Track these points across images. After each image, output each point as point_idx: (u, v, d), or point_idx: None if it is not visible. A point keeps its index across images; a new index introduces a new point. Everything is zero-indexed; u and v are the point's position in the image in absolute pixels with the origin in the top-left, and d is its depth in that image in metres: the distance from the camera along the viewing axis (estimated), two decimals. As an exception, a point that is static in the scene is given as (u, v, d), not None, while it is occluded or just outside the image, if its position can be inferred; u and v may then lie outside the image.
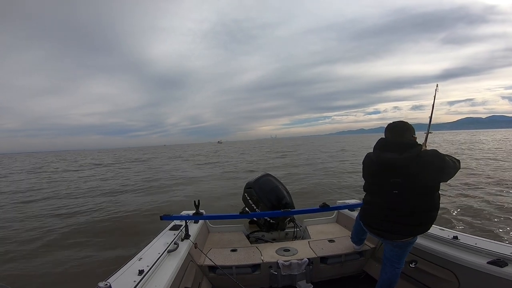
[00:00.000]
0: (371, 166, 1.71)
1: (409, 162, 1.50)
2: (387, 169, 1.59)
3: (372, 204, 1.76)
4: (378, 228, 1.72)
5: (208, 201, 6.92)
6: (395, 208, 1.59)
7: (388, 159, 1.56)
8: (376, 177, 1.68)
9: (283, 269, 2.11)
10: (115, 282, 1.33)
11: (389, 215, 1.63)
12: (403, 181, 1.53)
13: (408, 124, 1.64)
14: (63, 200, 8.89)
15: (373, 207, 1.75)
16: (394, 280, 1.77)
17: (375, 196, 1.73)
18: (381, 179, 1.63)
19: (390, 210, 1.61)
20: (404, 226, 1.59)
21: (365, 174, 1.80)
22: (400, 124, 1.65)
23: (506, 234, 4.28)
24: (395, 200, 1.57)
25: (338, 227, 3.01)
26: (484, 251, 1.66)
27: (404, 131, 1.62)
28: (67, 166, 27.30)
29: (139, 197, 8.81)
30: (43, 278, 3.60)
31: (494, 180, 8.42)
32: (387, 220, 1.64)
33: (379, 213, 1.69)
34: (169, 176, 13.90)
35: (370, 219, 1.79)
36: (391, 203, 1.60)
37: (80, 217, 6.53)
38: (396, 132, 1.63)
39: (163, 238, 2.05)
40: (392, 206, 1.60)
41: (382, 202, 1.66)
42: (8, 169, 27.30)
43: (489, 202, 5.98)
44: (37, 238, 5.11)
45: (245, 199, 2.99)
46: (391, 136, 1.64)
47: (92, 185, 11.97)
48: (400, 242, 1.66)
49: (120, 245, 4.58)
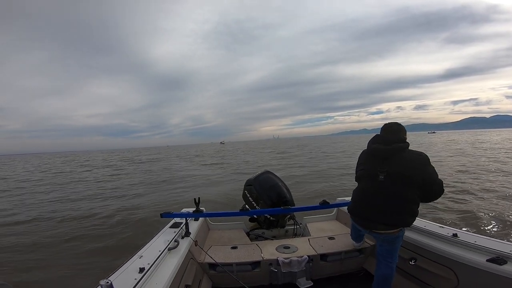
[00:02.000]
0: (363, 156, 1.94)
1: (394, 152, 1.70)
2: (375, 157, 1.79)
3: (359, 191, 1.91)
4: (362, 217, 1.84)
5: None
6: (379, 193, 1.71)
7: (376, 148, 1.79)
8: (365, 164, 1.87)
9: (283, 266, 2.12)
10: (116, 280, 1.33)
11: (373, 201, 1.75)
12: (388, 169, 1.69)
13: (401, 126, 1.83)
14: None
15: (359, 194, 1.89)
16: (389, 275, 1.81)
17: (362, 182, 1.88)
18: (369, 166, 1.81)
19: (375, 195, 1.74)
20: (386, 214, 1.70)
21: (358, 165, 1.96)
22: (394, 125, 1.84)
23: (505, 231, 4.25)
24: (380, 185, 1.71)
25: (338, 224, 3.01)
26: (483, 248, 1.65)
27: (397, 131, 1.80)
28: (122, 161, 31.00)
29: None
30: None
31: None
32: (370, 206, 1.77)
33: (364, 199, 1.82)
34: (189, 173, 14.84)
35: (355, 208, 1.92)
36: (376, 187, 1.73)
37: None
38: (389, 132, 1.82)
39: (163, 236, 2.06)
40: (377, 190, 1.73)
41: (368, 187, 1.81)
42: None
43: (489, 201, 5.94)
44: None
45: (245, 197, 3.01)
46: (384, 134, 1.84)
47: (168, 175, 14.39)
48: (386, 234, 1.74)
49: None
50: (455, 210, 5.44)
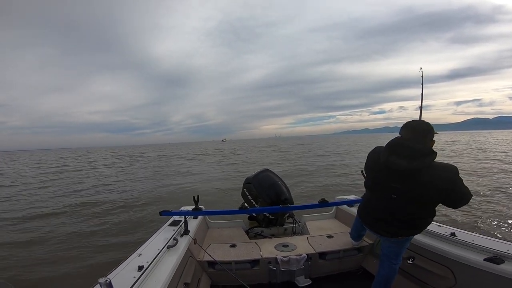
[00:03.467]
0: (376, 164, 1.60)
1: (415, 173, 1.40)
2: (390, 173, 1.49)
3: (370, 202, 1.74)
4: (374, 226, 1.72)
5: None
6: (391, 211, 1.56)
7: (394, 164, 1.43)
8: (378, 177, 1.60)
9: (282, 264, 2.12)
10: (115, 278, 1.33)
11: (384, 217, 1.61)
12: (403, 189, 1.46)
13: (431, 126, 1.46)
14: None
15: (370, 205, 1.74)
16: (391, 276, 1.77)
17: (374, 194, 1.70)
18: (382, 180, 1.56)
19: (386, 212, 1.59)
20: (399, 229, 1.58)
21: (368, 169, 1.71)
22: (423, 126, 1.47)
23: (503, 231, 4.24)
24: (392, 205, 1.53)
25: (336, 223, 3.02)
26: (481, 248, 1.65)
27: (426, 134, 1.44)
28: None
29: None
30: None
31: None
32: (382, 220, 1.63)
33: (375, 212, 1.67)
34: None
35: (366, 216, 1.79)
36: (387, 206, 1.56)
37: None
38: (415, 133, 1.45)
39: (162, 234, 2.06)
40: (388, 209, 1.56)
41: (379, 202, 1.62)
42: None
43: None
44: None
45: (244, 195, 3.01)
46: (407, 137, 1.46)
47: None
48: (397, 238, 1.65)
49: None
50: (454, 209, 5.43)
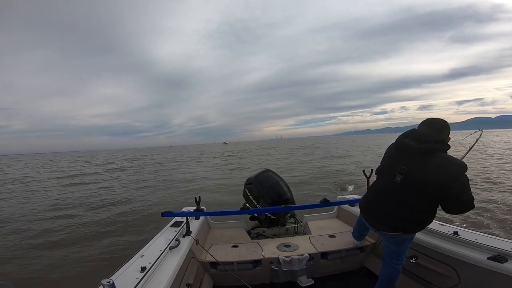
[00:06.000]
0: (389, 152, 1.71)
1: (423, 153, 1.44)
2: (400, 152, 1.57)
3: (373, 189, 1.78)
4: (369, 215, 1.75)
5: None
6: (392, 196, 1.58)
7: (403, 143, 1.55)
8: (388, 159, 1.67)
9: (284, 264, 2.12)
10: (118, 279, 1.34)
11: (383, 203, 1.63)
12: (409, 171, 1.49)
13: (447, 124, 1.53)
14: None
15: (372, 192, 1.77)
16: (394, 276, 1.77)
17: (379, 178, 1.73)
18: (392, 161, 1.62)
19: (387, 198, 1.61)
20: (392, 218, 1.59)
21: (383, 157, 1.76)
22: (439, 121, 1.54)
23: (506, 229, 4.19)
24: (394, 188, 1.55)
25: (338, 222, 3.01)
26: (484, 246, 1.64)
27: (442, 129, 1.51)
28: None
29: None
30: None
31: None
32: (380, 207, 1.66)
33: (376, 198, 1.71)
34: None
35: (365, 204, 1.82)
36: (389, 190, 1.59)
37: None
38: (431, 127, 1.52)
39: (164, 235, 2.08)
40: (390, 193, 1.59)
41: (381, 187, 1.67)
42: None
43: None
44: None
45: (245, 195, 3.01)
46: (421, 129, 1.56)
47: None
48: (393, 236, 1.65)
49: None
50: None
